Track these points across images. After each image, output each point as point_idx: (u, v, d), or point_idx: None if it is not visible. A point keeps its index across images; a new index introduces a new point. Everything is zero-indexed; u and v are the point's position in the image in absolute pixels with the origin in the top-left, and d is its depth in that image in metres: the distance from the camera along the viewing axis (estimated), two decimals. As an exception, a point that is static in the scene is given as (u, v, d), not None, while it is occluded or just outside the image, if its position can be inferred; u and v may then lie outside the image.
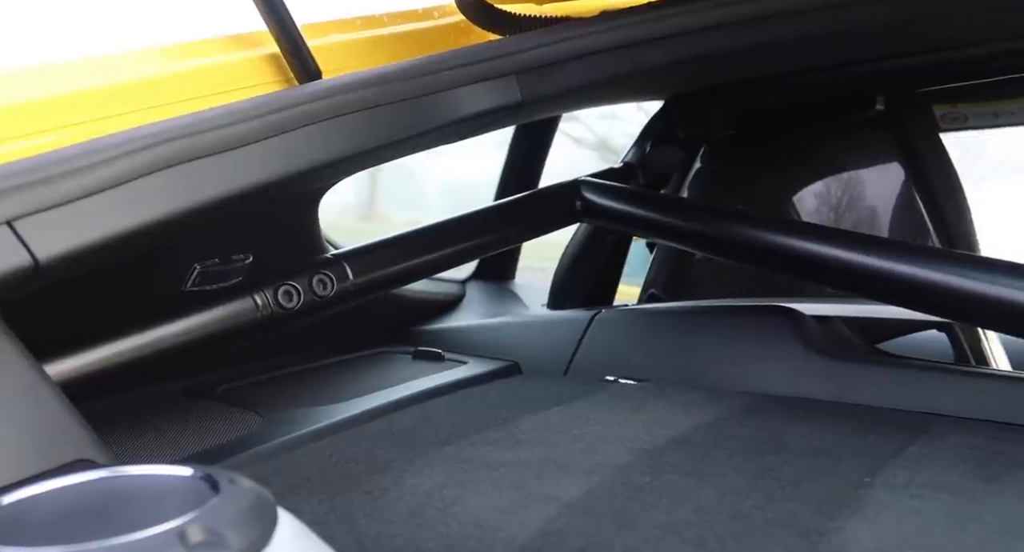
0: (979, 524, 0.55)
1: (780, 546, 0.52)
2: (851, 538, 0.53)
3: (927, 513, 0.57)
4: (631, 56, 0.85)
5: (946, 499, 0.59)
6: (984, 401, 0.82)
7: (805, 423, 0.78)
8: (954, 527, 0.55)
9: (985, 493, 0.60)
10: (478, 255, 1.03)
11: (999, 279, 0.76)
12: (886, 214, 1.11)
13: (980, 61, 1.02)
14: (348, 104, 0.74)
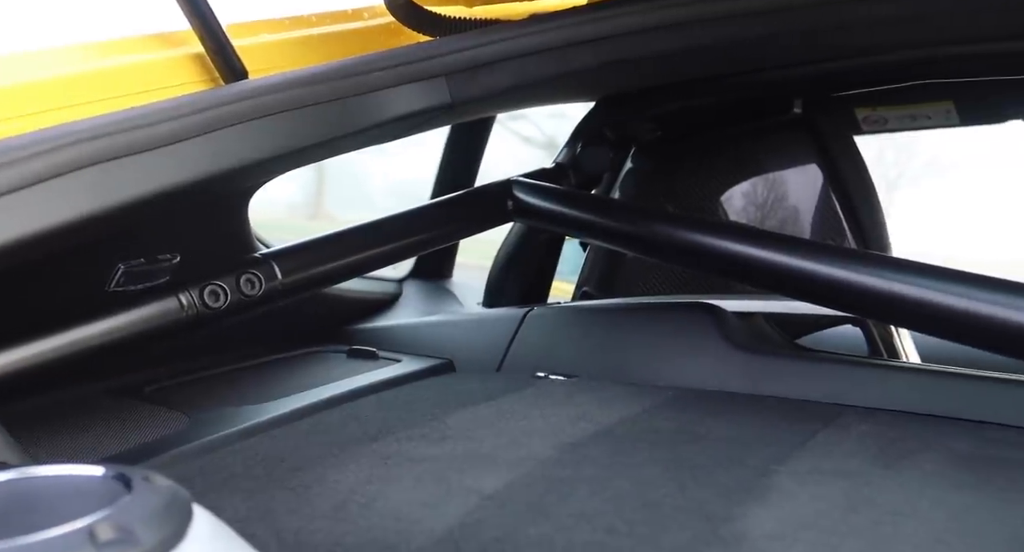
0: (872, 507, 0.59)
1: (685, 531, 0.54)
2: (753, 522, 0.56)
3: (826, 498, 0.60)
4: (558, 59, 0.87)
5: (845, 484, 0.62)
6: (891, 392, 0.87)
7: (723, 415, 0.81)
8: (850, 510, 0.58)
9: (881, 478, 0.64)
10: (411, 254, 1.04)
11: (907, 279, 0.80)
12: (805, 214, 1.15)
13: (892, 67, 1.07)
14: (275, 104, 0.74)
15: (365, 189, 7.14)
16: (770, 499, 0.60)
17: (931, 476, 0.65)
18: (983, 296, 0.76)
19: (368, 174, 6.48)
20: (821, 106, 1.16)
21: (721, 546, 0.52)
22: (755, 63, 0.94)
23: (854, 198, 1.12)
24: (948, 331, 0.81)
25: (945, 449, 0.71)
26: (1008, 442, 0.73)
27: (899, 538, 0.54)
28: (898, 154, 18.28)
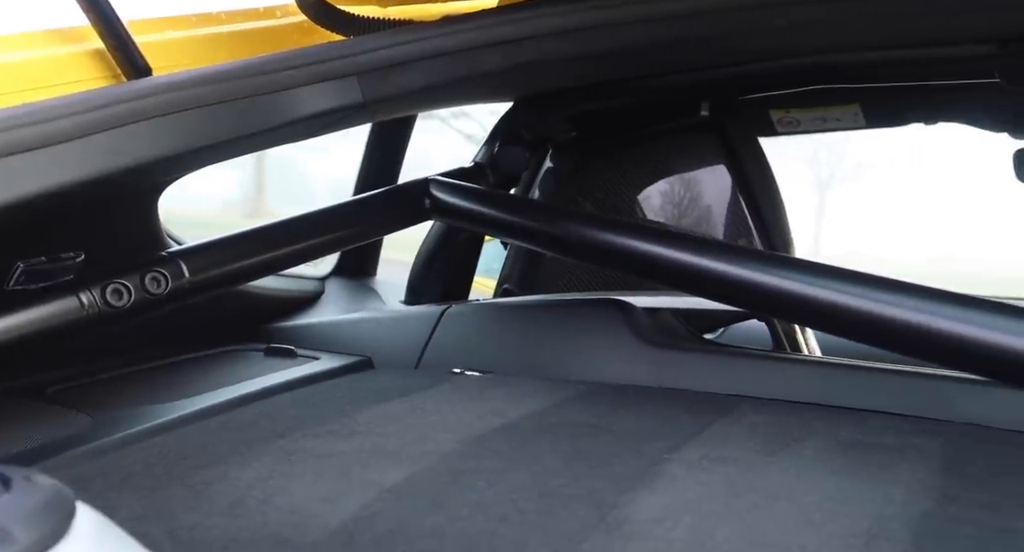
0: (752, 491, 0.62)
1: (574, 518, 0.57)
2: (638, 508, 0.58)
3: (710, 484, 0.63)
4: (470, 60, 0.88)
5: (729, 471, 0.66)
6: (786, 383, 0.91)
7: (627, 408, 0.84)
8: (731, 495, 0.61)
9: (764, 464, 0.67)
10: (327, 252, 1.05)
11: (803, 278, 0.84)
12: (714, 214, 1.19)
13: (796, 73, 1.11)
14: (179, 102, 0.74)
15: (307, 186, 7.02)
16: (658, 486, 0.62)
17: (811, 461, 0.69)
18: (873, 295, 0.80)
19: (311, 171, 6.38)
20: (728, 109, 1.20)
21: (605, 530, 0.55)
22: (662, 67, 0.97)
23: (759, 198, 1.16)
24: (839, 328, 0.85)
25: (829, 436, 0.75)
26: (888, 428, 0.77)
27: (772, 519, 0.57)
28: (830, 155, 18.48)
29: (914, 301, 0.76)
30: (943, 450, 0.71)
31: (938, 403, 0.81)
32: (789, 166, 10.17)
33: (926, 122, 1.60)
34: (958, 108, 1.47)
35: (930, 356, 0.73)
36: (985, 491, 0.62)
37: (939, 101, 1.43)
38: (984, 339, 0.69)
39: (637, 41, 0.87)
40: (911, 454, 0.70)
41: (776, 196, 1.19)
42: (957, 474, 0.66)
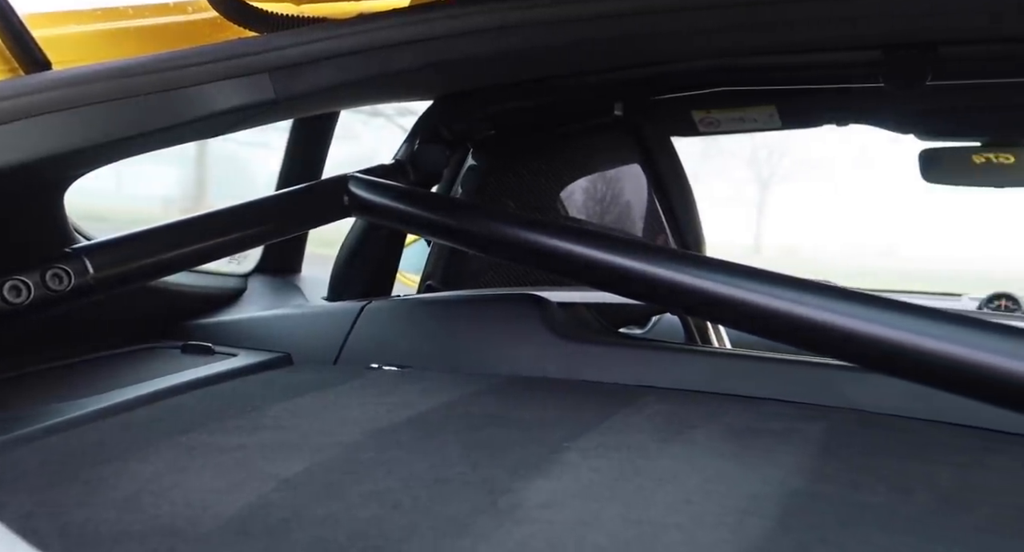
0: (640, 475, 0.65)
1: (465, 504, 0.59)
2: (530, 494, 0.61)
3: (603, 470, 0.66)
4: (382, 58, 0.89)
5: (622, 457, 0.68)
6: (691, 374, 0.94)
7: (536, 399, 0.86)
8: (620, 479, 0.64)
9: (656, 450, 0.70)
10: (242, 248, 1.04)
11: (709, 275, 0.87)
12: (629, 212, 1.23)
13: (704, 74, 1.15)
14: (80, 96, 0.73)
15: (251, 181, 6.87)
16: (552, 473, 0.65)
17: (700, 447, 0.72)
18: (768, 291, 0.82)
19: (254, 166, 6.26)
20: (642, 109, 1.24)
21: (495, 515, 0.57)
22: (574, 67, 1.00)
23: (672, 197, 1.20)
24: (738, 322, 0.88)
25: (721, 423, 0.78)
26: (777, 414, 0.81)
27: (654, 501, 0.60)
28: (771, 154, 18.70)
29: (803, 296, 0.80)
30: (824, 434, 0.76)
31: (825, 390, 0.86)
32: (731, 165, 10.27)
33: (838, 123, 1.67)
34: (866, 110, 1.54)
35: (816, 347, 0.76)
36: (854, 470, 0.66)
37: (848, 103, 1.49)
38: (863, 331, 0.72)
39: (549, 42, 0.89)
40: (794, 438, 0.74)
41: (688, 195, 1.23)
42: (832, 455, 0.70)
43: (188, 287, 1.20)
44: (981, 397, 0.61)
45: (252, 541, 0.53)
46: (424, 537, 0.53)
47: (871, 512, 0.58)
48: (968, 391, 0.61)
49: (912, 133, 1.64)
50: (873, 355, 0.68)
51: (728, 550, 0.52)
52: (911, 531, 0.55)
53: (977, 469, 0.68)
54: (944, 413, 0.79)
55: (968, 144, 1.63)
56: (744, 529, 0.55)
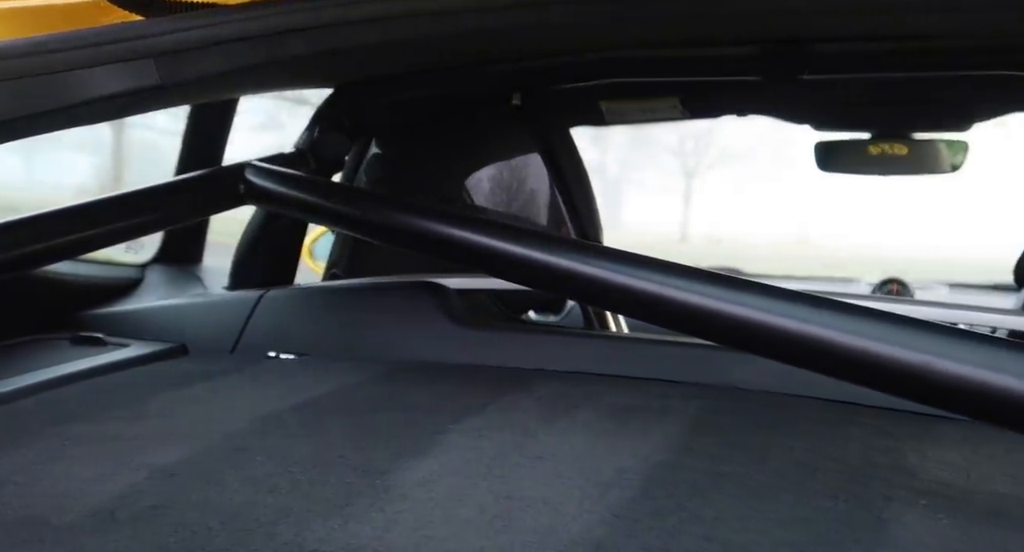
0: (520, 453, 0.67)
1: (343, 485, 0.60)
2: (408, 474, 0.62)
3: (483, 449, 0.68)
4: (270, 46, 0.89)
5: (504, 437, 0.71)
6: (582, 357, 0.98)
7: (428, 384, 0.88)
8: (499, 457, 0.66)
9: (538, 429, 0.73)
10: (134, 236, 1.02)
11: (602, 264, 0.89)
12: (529, 201, 1.25)
13: (600, 66, 1.18)
14: None
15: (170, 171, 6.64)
16: (432, 453, 0.67)
17: (581, 426, 0.75)
18: (656, 279, 0.85)
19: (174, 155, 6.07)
20: (541, 99, 1.26)
21: (370, 495, 0.58)
22: (466, 57, 1.01)
23: (571, 186, 1.22)
24: (628, 309, 0.91)
25: (604, 403, 0.82)
26: (658, 394, 0.85)
27: (528, 477, 0.62)
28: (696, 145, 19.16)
29: (681, 282, 0.82)
30: (698, 410, 0.80)
31: (704, 369, 0.90)
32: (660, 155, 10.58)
33: (738, 114, 1.73)
34: (763, 102, 1.60)
35: (692, 330, 0.79)
36: (719, 444, 0.70)
37: (746, 96, 1.55)
38: (730, 313, 0.75)
39: (439, 32, 0.90)
40: (669, 415, 0.78)
41: (586, 185, 1.26)
42: (702, 430, 0.74)
43: (81, 277, 1.17)
44: (834, 373, 0.65)
45: (119, 528, 0.53)
46: (296, 519, 0.54)
47: (727, 480, 0.62)
48: (821, 368, 0.65)
49: (807, 124, 1.71)
50: (739, 336, 0.71)
51: (589, 520, 0.55)
52: (760, 497, 0.59)
53: (832, 439, 0.73)
54: (811, 389, 0.84)
55: (860, 136, 1.71)
56: (606, 500, 0.58)
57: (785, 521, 0.56)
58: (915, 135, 1.68)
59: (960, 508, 0.59)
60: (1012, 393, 0.51)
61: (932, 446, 0.71)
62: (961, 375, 0.54)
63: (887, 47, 1.09)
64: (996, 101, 1.39)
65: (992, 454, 0.69)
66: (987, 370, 0.53)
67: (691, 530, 0.54)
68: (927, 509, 0.58)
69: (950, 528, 0.55)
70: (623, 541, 0.52)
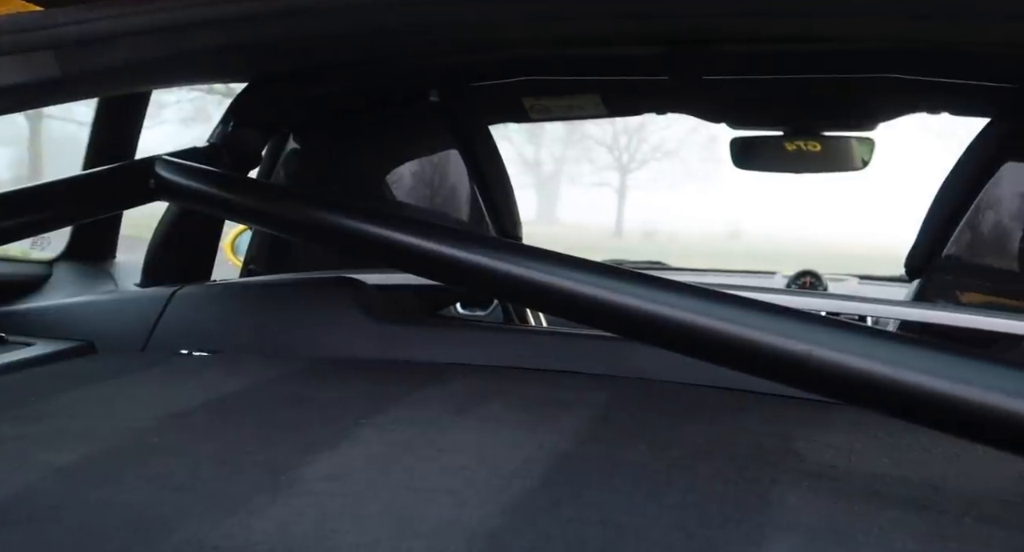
0: (428, 446, 0.68)
1: (247, 482, 0.60)
2: (315, 468, 0.62)
3: (393, 443, 0.69)
4: (177, 39, 0.87)
5: (415, 431, 0.72)
6: (499, 351, 0.99)
7: (344, 380, 0.88)
8: (406, 450, 0.67)
9: (449, 422, 0.74)
10: (37, 231, 0.99)
11: (518, 261, 0.89)
12: (448, 199, 1.26)
13: (518, 63, 1.19)
14: None
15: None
16: (341, 448, 0.67)
17: (491, 418, 0.76)
18: (567, 275, 0.85)
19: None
20: (459, 95, 1.27)
21: (273, 490, 0.58)
22: (376, 53, 1.01)
23: (490, 184, 1.24)
24: (546, 307, 0.92)
25: (517, 395, 0.83)
26: (570, 386, 0.87)
27: (434, 469, 0.63)
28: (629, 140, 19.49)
29: (591, 278, 0.83)
30: (606, 400, 0.82)
31: (615, 361, 0.92)
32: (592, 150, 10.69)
33: (657, 112, 1.77)
34: (679, 100, 1.64)
35: (602, 325, 0.81)
36: (621, 433, 0.72)
37: (664, 94, 1.58)
38: (640, 308, 0.77)
39: (350, 27, 0.90)
40: (577, 406, 0.80)
41: (505, 181, 1.27)
42: (607, 419, 0.76)
43: None
44: (725, 363, 0.68)
45: (12, 529, 0.52)
46: (197, 517, 0.54)
47: (627, 468, 0.64)
48: (714, 358, 0.68)
49: (723, 122, 1.77)
50: (641, 329, 0.73)
51: (490, 510, 0.56)
52: (656, 483, 0.61)
53: (728, 426, 0.76)
54: (713, 378, 0.87)
55: (773, 133, 1.77)
56: (509, 489, 0.59)
57: (678, 505, 0.58)
58: (825, 133, 1.74)
59: (841, 488, 0.62)
60: (881, 379, 0.55)
61: (820, 430, 0.75)
62: (837, 363, 0.57)
63: (789, 49, 1.13)
64: (897, 102, 1.46)
65: (875, 437, 0.73)
66: (860, 358, 0.57)
67: (587, 516, 0.56)
68: (810, 489, 0.61)
69: (830, 506, 0.58)
70: (521, 529, 0.54)
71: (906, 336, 0.59)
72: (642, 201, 23.85)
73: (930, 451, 0.70)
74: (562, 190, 24.10)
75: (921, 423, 0.55)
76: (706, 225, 21.94)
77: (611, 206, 22.39)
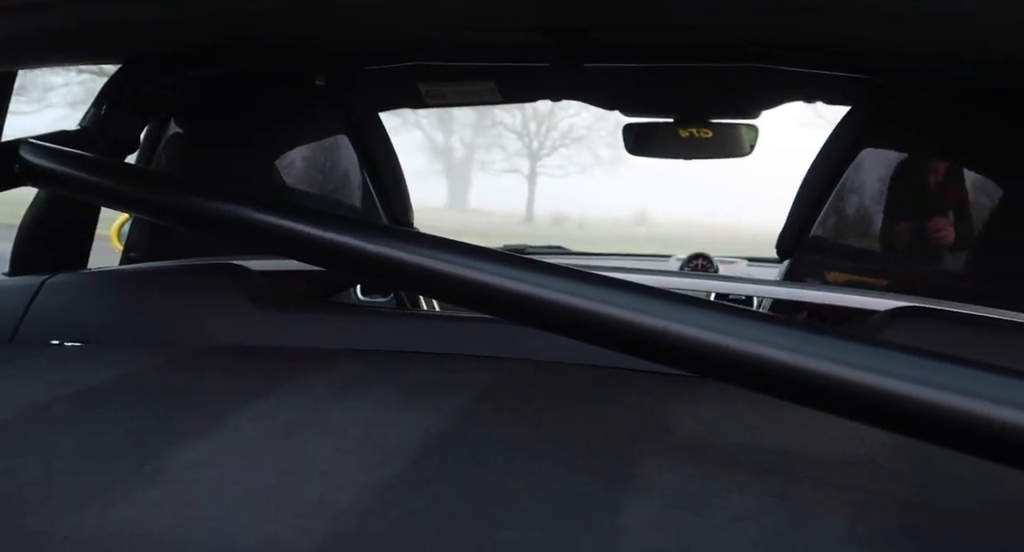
0: (307, 431, 0.68)
1: (109, 473, 0.58)
2: (182, 457, 0.61)
3: (267, 428, 0.68)
4: (32, 17, 0.83)
5: (292, 416, 0.71)
6: (388, 335, 0.99)
7: (223, 368, 0.86)
8: (283, 437, 0.66)
9: (329, 408, 0.74)
10: None
11: (403, 246, 0.89)
12: (338, 186, 1.24)
13: (407, 49, 1.19)
14: None
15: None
16: (211, 436, 0.66)
17: (372, 402, 0.76)
18: (455, 260, 0.86)
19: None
20: (348, 80, 1.26)
21: (136, 480, 0.57)
22: (256, 35, 0.99)
23: (380, 169, 1.23)
24: (431, 292, 0.93)
25: (402, 379, 0.84)
26: (457, 368, 0.88)
27: (310, 453, 0.63)
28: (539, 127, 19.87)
29: (474, 262, 0.84)
30: (490, 382, 0.83)
31: (505, 343, 0.94)
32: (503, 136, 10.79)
33: (552, 99, 1.80)
34: (575, 87, 1.67)
35: (487, 309, 0.82)
36: (500, 412, 0.74)
37: (556, 80, 1.61)
38: (521, 291, 0.78)
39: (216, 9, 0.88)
40: (462, 389, 0.81)
41: (396, 167, 1.27)
42: (488, 401, 0.77)
43: None
44: (598, 342, 0.70)
45: None
46: (52, 509, 0.53)
47: (501, 445, 0.66)
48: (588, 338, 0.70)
49: (616, 109, 1.81)
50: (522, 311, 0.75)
51: (361, 490, 0.57)
52: (529, 459, 0.63)
53: (605, 403, 0.79)
54: (598, 358, 0.90)
55: (665, 120, 1.82)
56: (382, 469, 0.60)
57: (547, 478, 0.60)
58: (713, 120, 1.81)
59: (701, 458, 0.66)
60: (727, 352, 0.58)
61: (690, 405, 0.78)
62: (697, 339, 0.60)
63: (665, 40, 1.17)
64: (775, 91, 1.53)
65: (740, 411, 0.77)
66: (716, 333, 0.60)
67: (457, 493, 0.57)
68: (672, 460, 0.64)
69: (688, 475, 0.61)
70: (389, 508, 0.54)
71: (751, 311, 0.62)
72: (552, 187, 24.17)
73: (787, 421, 0.74)
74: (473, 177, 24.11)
75: (762, 392, 0.59)
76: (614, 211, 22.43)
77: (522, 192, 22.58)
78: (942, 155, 1.11)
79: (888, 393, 0.52)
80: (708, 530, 0.53)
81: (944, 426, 0.51)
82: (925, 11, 0.76)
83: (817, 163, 1.19)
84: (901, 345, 0.54)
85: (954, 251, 1.15)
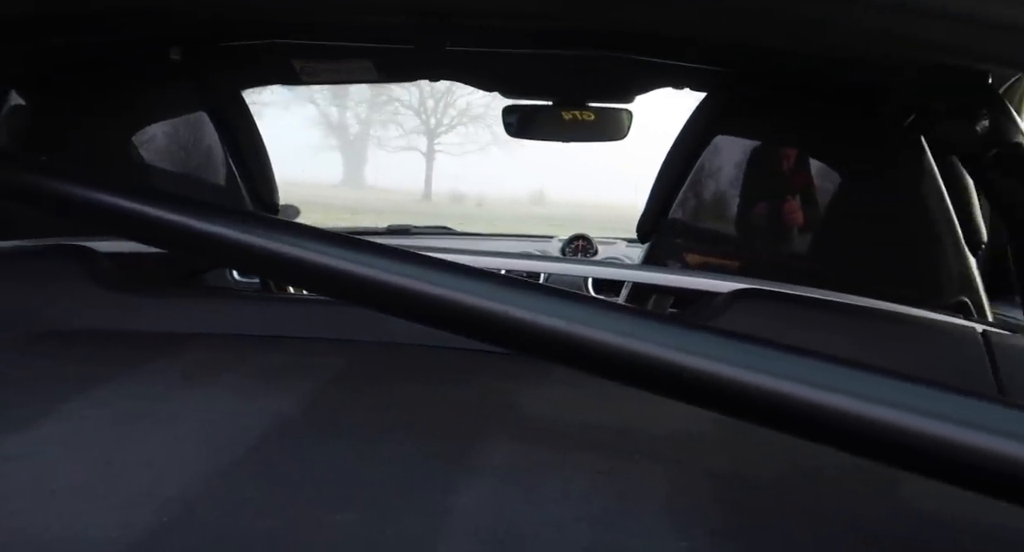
0: (146, 420, 0.66)
1: None
2: (4, 448, 0.59)
3: (102, 417, 0.65)
4: None
5: (131, 404, 0.69)
6: (246, 319, 0.97)
7: (61, 354, 0.82)
8: (116, 425, 0.64)
9: (174, 396, 0.71)
10: None
11: (257, 232, 0.85)
12: (198, 166, 1.19)
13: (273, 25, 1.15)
14: None
15: None
16: (38, 426, 0.63)
17: (221, 387, 0.75)
18: (309, 246, 0.83)
19: None
20: (208, 56, 1.21)
21: None
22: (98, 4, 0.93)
23: (243, 148, 1.19)
24: (282, 278, 0.90)
25: (255, 364, 0.82)
26: (316, 352, 0.87)
27: (144, 442, 0.61)
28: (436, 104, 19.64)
29: (327, 248, 0.82)
30: (346, 366, 0.83)
31: (365, 326, 0.93)
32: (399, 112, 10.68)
33: (431, 79, 1.79)
34: (454, 68, 1.67)
35: (340, 295, 0.81)
36: (349, 394, 0.74)
37: (432, 61, 1.60)
38: (371, 277, 0.78)
39: None
40: (315, 372, 0.80)
41: (260, 146, 1.23)
42: (339, 384, 0.77)
43: None
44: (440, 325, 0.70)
45: None
46: None
47: (346, 428, 0.66)
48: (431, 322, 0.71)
49: (495, 91, 1.82)
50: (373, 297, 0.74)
51: (192, 480, 0.56)
52: (372, 441, 0.64)
53: (456, 385, 0.80)
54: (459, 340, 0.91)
55: (544, 103, 1.85)
56: (218, 458, 0.59)
57: (389, 459, 0.61)
58: (592, 103, 1.85)
59: (542, 436, 0.68)
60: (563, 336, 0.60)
61: (541, 386, 0.80)
62: (528, 322, 0.62)
63: (525, 26, 1.18)
64: (643, 78, 1.58)
65: (591, 391, 0.80)
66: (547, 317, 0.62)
67: (296, 478, 0.57)
68: (514, 439, 0.66)
69: (526, 453, 0.64)
70: (222, 497, 0.54)
71: (587, 297, 0.65)
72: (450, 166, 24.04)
73: (630, 401, 0.77)
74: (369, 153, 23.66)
75: (592, 374, 0.61)
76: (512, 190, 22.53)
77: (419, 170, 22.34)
78: (788, 143, 1.18)
79: (702, 373, 0.55)
80: (535, 506, 0.55)
81: (756, 406, 0.54)
82: (771, 12, 0.80)
83: (675, 148, 1.24)
84: (719, 329, 0.58)
85: (801, 233, 1.22)
